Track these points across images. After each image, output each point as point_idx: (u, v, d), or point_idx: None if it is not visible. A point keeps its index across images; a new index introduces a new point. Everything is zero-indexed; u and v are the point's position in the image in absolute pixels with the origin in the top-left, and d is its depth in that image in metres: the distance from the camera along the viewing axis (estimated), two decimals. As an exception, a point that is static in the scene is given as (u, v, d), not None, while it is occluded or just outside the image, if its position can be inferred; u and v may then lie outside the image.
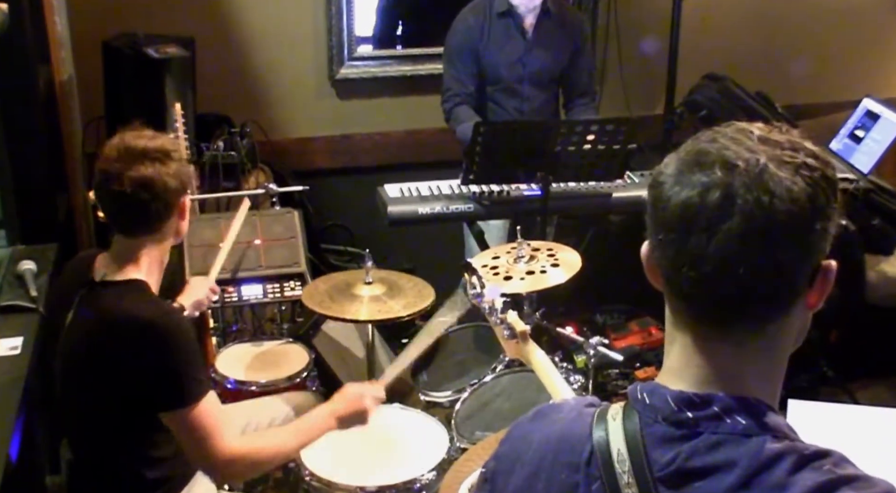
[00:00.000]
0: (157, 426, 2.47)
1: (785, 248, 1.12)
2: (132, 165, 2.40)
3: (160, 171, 2.42)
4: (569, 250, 3.33)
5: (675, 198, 1.15)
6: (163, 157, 2.43)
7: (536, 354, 2.38)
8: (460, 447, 3.01)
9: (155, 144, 2.45)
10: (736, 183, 1.12)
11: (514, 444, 1.34)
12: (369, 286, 3.47)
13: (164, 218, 2.50)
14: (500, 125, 3.94)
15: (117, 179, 2.39)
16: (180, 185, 2.48)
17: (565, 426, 1.29)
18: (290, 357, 3.60)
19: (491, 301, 2.48)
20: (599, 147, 3.73)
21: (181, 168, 2.49)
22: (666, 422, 1.19)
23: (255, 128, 4.74)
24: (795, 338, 1.23)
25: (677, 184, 1.16)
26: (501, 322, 2.43)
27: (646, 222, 1.21)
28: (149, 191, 2.41)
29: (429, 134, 5.02)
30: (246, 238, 3.81)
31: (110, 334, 2.37)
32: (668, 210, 1.16)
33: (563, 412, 1.32)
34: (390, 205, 3.90)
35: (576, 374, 3.40)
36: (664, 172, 1.19)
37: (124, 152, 2.42)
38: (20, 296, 3.19)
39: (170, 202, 2.48)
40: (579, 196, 4.05)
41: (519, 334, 2.39)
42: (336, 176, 5.17)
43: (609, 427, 1.23)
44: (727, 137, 1.18)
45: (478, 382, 3.32)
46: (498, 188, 3.97)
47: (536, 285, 3.13)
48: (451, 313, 3.05)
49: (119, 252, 2.53)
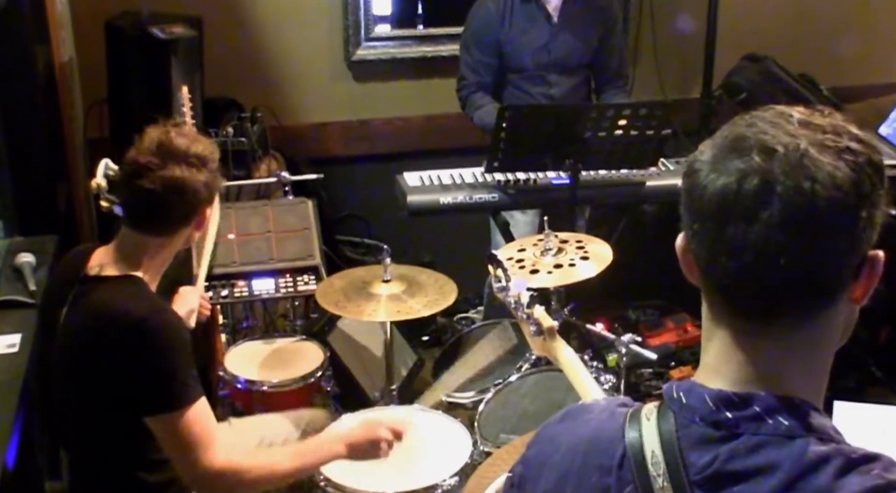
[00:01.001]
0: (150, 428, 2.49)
1: (828, 237, 1.12)
2: (168, 163, 2.43)
3: (194, 177, 2.45)
4: (599, 242, 3.32)
5: (711, 186, 1.16)
6: (200, 163, 2.47)
7: (564, 351, 2.38)
8: (484, 450, 3.01)
9: (196, 148, 2.48)
10: (775, 169, 1.12)
11: (542, 447, 1.34)
12: (387, 284, 3.46)
13: (183, 224, 2.53)
14: (526, 109, 3.93)
15: (150, 175, 2.42)
16: (208, 195, 2.52)
17: (596, 427, 1.29)
18: (304, 356, 3.61)
19: (517, 295, 2.48)
20: (632, 133, 3.71)
21: (214, 179, 2.53)
22: (703, 423, 1.19)
23: (267, 113, 4.75)
24: (841, 334, 1.22)
25: (713, 171, 1.16)
26: (528, 318, 2.43)
27: (680, 213, 1.21)
28: (178, 194, 2.44)
29: (451, 119, 5.02)
30: (257, 229, 3.82)
31: (100, 330, 2.39)
32: (703, 199, 1.16)
33: (593, 413, 1.32)
34: (410, 194, 3.90)
35: (606, 373, 3.40)
36: (699, 160, 1.19)
37: (165, 150, 2.44)
38: (18, 290, 3.20)
39: (194, 210, 2.52)
40: (610, 185, 4.04)
41: (546, 331, 2.39)
42: (352, 164, 5.17)
43: (643, 428, 1.23)
44: (765, 120, 1.18)
45: (502, 382, 3.32)
46: (524, 176, 3.96)
47: (565, 279, 3.12)
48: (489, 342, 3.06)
49: (122, 246, 2.54)
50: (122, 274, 2.48)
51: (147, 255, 2.52)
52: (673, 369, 4.44)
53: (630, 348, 3.06)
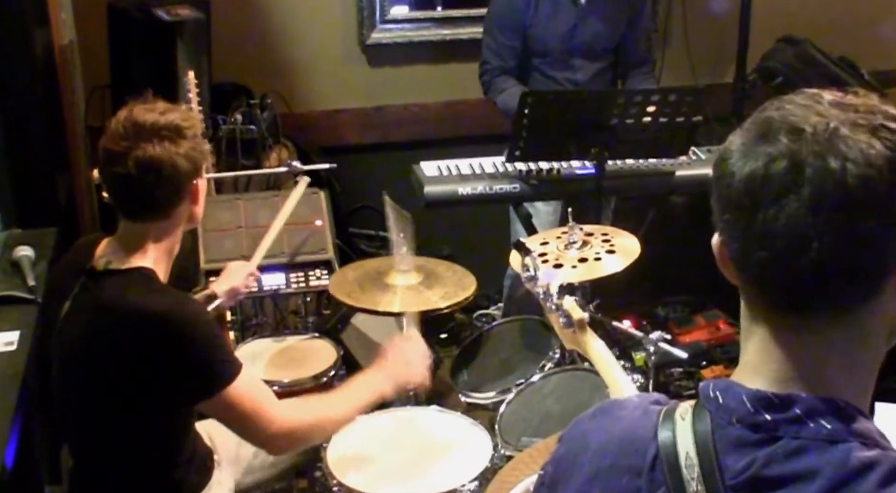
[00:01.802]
0: (172, 427, 2.50)
1: (863, 218, 1.11)
2: (139, 143, 2.40)
3: (169, 151, 2.42)
4: (626, 235, 3.31)
5: (738, 173, 1.15)
6: (174, 134, 2.43)
7: (595, 345, 2.37)
8: (505, 454, 3.00)
9: (166, 119, 2.43)
10: (803, 150, 1.12)
11: (572, 444, 1.34)
12: (404, 275, 3.47)
13: (173, 203, 2.51)
14: (550, 95, 3.92)
15: (122, 160, 2.40)
16: (192, 166, 2.48)
17: (628, 425, 1.28)
18: (316, 354, 3.61)
19: (546, 286, 2.48)
20: (661, 120, 3.70)
21: (195, 147, 2.48)
22: (741, 424, 1.18)
23: (277, 99, 4.76)
24: (889, 330, 1.21)
25: (742, 157, 1.16)
26: (557, 309, 2.42)
27: (712, 207, 1.20)
28: (156, 173, 2.41)
29: (470, 105, 5.02)
30: (267, 222, 3.82)
31: (117, 327, 2.39)
32: (732, 187, 1.16)
33: (626, 410, 1.32)
34: (427, 185, 3.90)
35: (634, 373, 3.38)
36: (730, 148, 1.19)
37: (131, 129, 2.41)
38: (16, 285, 3.21)
39: (180, 186, 2.48)
40: (638, 175, 4.03)
41: (576, 323, 2.38)
42: (367, 152, 5.18)
43: (677, 428, 1.23)
44: (795, 103, 1.18)
45: (524, 382, 3.31)
46: (547, 166, 3.95)
47: (590, 273, 3.11)
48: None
49: (124, 238, 2.54)
50: (131, 267, 2.48)
51: (150, 243, 2.52)
52: (704, 369, 4.43)
53: (659, 346, 3.04)
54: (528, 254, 2.56)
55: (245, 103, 4.53)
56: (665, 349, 3.06)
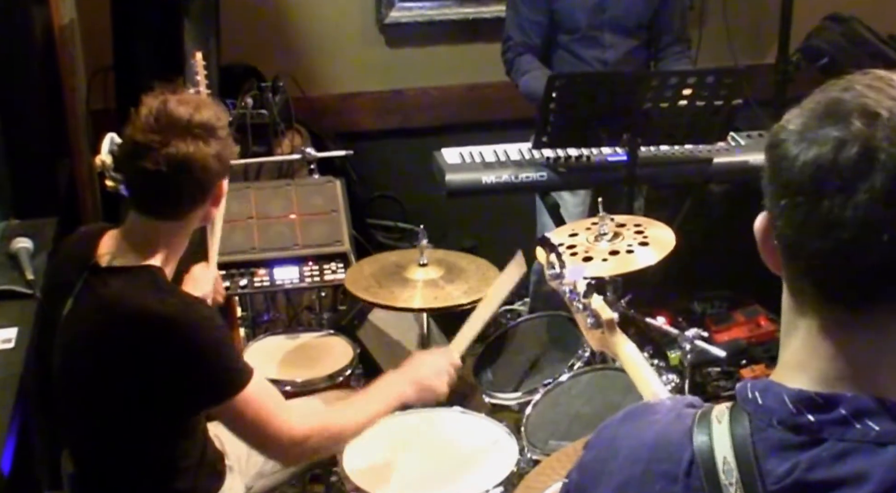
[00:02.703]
0: (181, 430, 2.51)
1: None
2: (171, 139, 2.40)
3: (202, 151, 2.43)
4: (660, 226, 3.31)
5: (802, 156, 1.14)
6: (206, 134, 2.44)
7: (625, 346, 2.37)
8: (532, 458, 3.01)
9: (201, 117, 2.45)
10: (878, 135, 1.11)
11: (601, 451, 1.34)
12: (424, 269, 3.47)
13: (196, 204, 2.53)
14: (579, 77, 3.91)
15: (151, 154, 2.40)
16: (221, 168, 2.50)
17: (661, 428, 1.28)
18: (331, 352, 3.62)
19: (572, 284, 2.47)
20: (698, 103, 3.69)
21: (225, 148, 2.51)
22: (782, 427, 1.18)
23: (290, 82, 4.76)
24: None
25: (804, 140, 1.15)
26: (584, 308, 2.42)
27: (763, 190, 1.20)
28: (186, 173, 2.43)
29: (494, 88, 5.00)
30: (279, 212, 3.83)
31: (122, 329, 2.40)
32: (793, 171, 1.15)
33: (658, 413, 1.31)
34: (449, 173, 3.90)
35: (669, 373, 3.38)
36: (786, 129, 1.18)
37: (165, 123, 2.42)
38: (14, 279, 3.22)
39: (206, 187, 2.50)
40: (673, 162, 4.02)
41: (605, 323, 2.38)
42: (385, 139, 5.18)
43: (713, 431, 1.22)
44: (864, 84, 1.17)
45: (552, 381, 3.31)
46: (576, 153, 3.95)
47: (622, 267, 3.11)
48: (511, 274, 3.08)
49: (133, 233, 2.54)
50: (138, 265, 2.49)
51: (161, 241, 2.52)
52: (744, 368, 4.41)
53: (695, 344, 3.04)
54: (554, 250, 2.56)
55: (256, 86, 4.53)
56: (702, 348, 3.06)
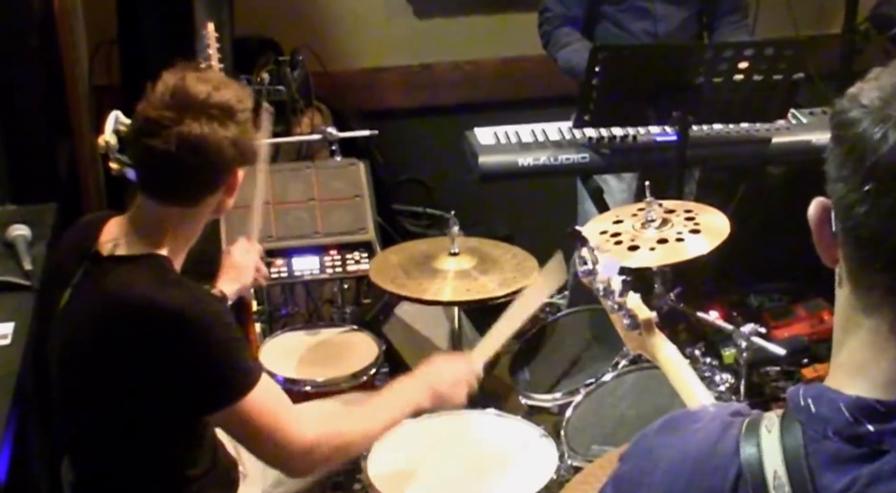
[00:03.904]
0: (189, 435, 2.51)
1: None
2: (184, 118, 2.40)
3: (217, 133, 2.42)
4: (713, 212, 3.30)
5: (892, 136, 1.12)
6: (224, 115, 2.43)
7: (665, 349, 2.36)
8: (572, 464, 3.01)
9: (219, 96, 2.44)
10: None
11: (638, 462, 1.33)
12: (455, 258, 3.46)
13: (208, 190, 2.52)
14: (625, 50, 3.90)
15: (162, 133, 2.40)
16: (238, 154, 2.49)
17: (704, 439, 1.27)
18: (355, 349, 3.63)
19: (606, 281, 2.46)
20: (755, 78, 3.67)
21: (244, 133, 2.50)
22: (838, 437, 1.17)
23: (310, 56, 4.77)
24: None
25: (889, 119, 1.13)
26: (619, 308, 2.41)
27: (828, 173, 1.18)
28: (198, 155, 2.42)
29: (531, 63, 4.99)
30: (299, 197, 3.84)
31: (123, 323, 2.40)
32: (882, 153, 1.13)
33: (701, 422, 1.30)
34: (482, 154, 3.90)
35: (723, 372, 3.37)
36: (860, 105, 1.16)
37: (180, 100, 2.42)
38: (10, 270, 3.23)
39: (219, 173, 2.50)
40: (728, 142, 4.01)
41: (642, 324, 2.37)
42: (412, 117, 5.18)
43: (762, 442, 1.21)
44: None
45: (595, 381, 3.31)
46: (622, 132, 3.94)
47: (671, 257, 3.10)
48: (549, 279, 3.07)
49: (140, 219, 2.54)
50: (143, 254, 2.49)
51: (169, 229, 2.52)
52: (806, 368, 4.40)
53: (752, 341, 3.03)
54: (585, 244, 2.54)
55: (273, 61, 4.54)
56: (759, 345, 3.05)
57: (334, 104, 4.84)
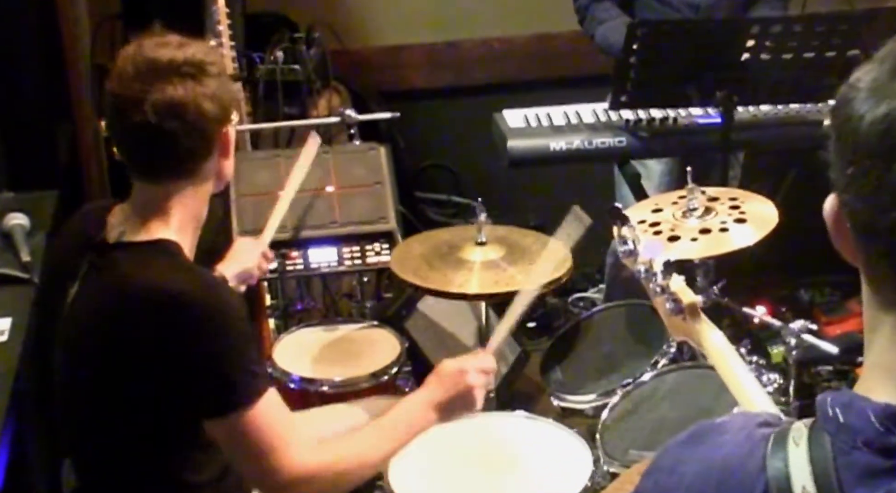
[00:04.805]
0: (196, 440, 2.50)
1: None
2: (155, 83, 2.39)
3: (194, 91, 2.41)
4: (760, 200, 3.29)
5: (869, 114, 1.13)
6: (196, 72, 2.43)
7: (711, 336, 2.34)
8: (609, 471, 3.01)
9: (185, 54, 2.43)
10: None
11: (661, 476, 1.32)
12: (482, 248, 3.45)
13: (199, 155, 2.51)
14: (664, 25, 3.88)
15: (136, 106, 2.39)
16: (221, 110, 2.48)
17: (729, 452, 1.26)
18: (375, 347, 3.63)
19: (648, 262, 2.45)
20: (806, 55, 3.65)
21: (222, 86, 2.49)
22: (868, 449, 1.15)
23: (327, 32, 4.77)
24: None
25: (873, 96, 1.14)
26: (662, 291, 2.40)
27: (831, 160, 1.18)
28: (179, 119, 2.41)
29: (565, 39, 4.99)
30: (314, 185, 3.83)
31: (130, 312, 2.40)
32: (860, 132, 1.13)
33: (727, 434, 1.29)
34: (511, 138, 3.89)
35: (770, 372, 3.37)
36: (857, 87, 1.17)
37: (144, 68, 2.41)
38: (7, 262, 3.24)
39: (207, 133, 2.48)
40: (776, 124, 4.00)
41: (686, 308, 2.35)
42: (437, 98, 5.19)
43: (790, 456, 1.20)
44: None
45: (633, 381, 3.30)
46: (661, 114, 3.93)
47: (714, 248, 3.10)
48: (570, 234, 3.06)
49: (141, 204, 2.54)
50: (151, 239, 2.49)
51: (173, 208, 2.52)
52: (860, 367, 4.35)
53: (802, 338, 3.02)
54: (625, 223, 2.54)
55: (287, 38, 4.54)
56: (810, 342, 3.04)
57: (353, 85, 4.85)
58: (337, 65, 4.74)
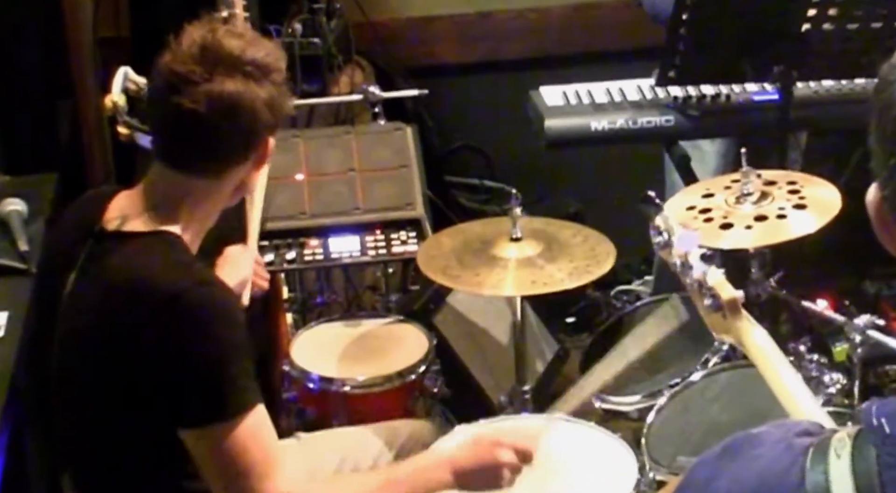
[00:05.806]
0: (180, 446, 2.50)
1: None
2: (216, 74, 2.42)
3: (253, 92, 2.44)
4: (822, 184, 3.27)
5: None
6: (260, 74, 2.46)
7: (753, 334, 2.33)
8: (655, 478, 3.00)
9: (255, 52, 2.47)
10: None
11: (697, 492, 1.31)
12: (517, 244, 3.43)
13: (236, 159, 2.53)
14: (717, -7, 3.87)
15: (191, 90, 2.41)
16: (272, 118, 2.51)
17: (767, 466, 1.27)
18: (401, 343, 3.63)
19: (683, 255, 2.43)
20: (873, 25, 3.63)
21: (281, 96, 2.52)
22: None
23: (349, 3, 4.77)
24: None
25: None
26: (700, 286, 2.38)
27: (872, 150, 1.17)
28: (230, 117, 2.44)
29: (607, 8, 4.99)
30: (336, 168, 3.83)
31: (120, 307, 2.40)
32: None
33: (763, 446, 1.31)
34: (548, 117, 3.88)
35: (833, 372, 3.35)
36: None
37: (212, 54, 2.44)
38: (3, 251, 3.26)
39: (251, 139, 2.51)
40: (839, 101, 3.98)
41: (725, 304, 2.34)
42: (468, 74, 5.19)
43: (830, 469, 1.21)
44: None
45: (681, 382, 3.29)
46: (713, 91, 3.92)
47: (771, 236, 3.08)
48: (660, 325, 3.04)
49: (153, 190, 2.55)
50: (153, 230, 2.50)
51: (187, 203, 2.53)
52: (932, 366, 4.37)
53: (868, 334, 3.01)
54: (659, 212, 2.52)
55: (306, 9, 4.54)
56: (876, 339, 3.02)
57: (377, 59, 4.85)
58: (360, 38, 4.74)
